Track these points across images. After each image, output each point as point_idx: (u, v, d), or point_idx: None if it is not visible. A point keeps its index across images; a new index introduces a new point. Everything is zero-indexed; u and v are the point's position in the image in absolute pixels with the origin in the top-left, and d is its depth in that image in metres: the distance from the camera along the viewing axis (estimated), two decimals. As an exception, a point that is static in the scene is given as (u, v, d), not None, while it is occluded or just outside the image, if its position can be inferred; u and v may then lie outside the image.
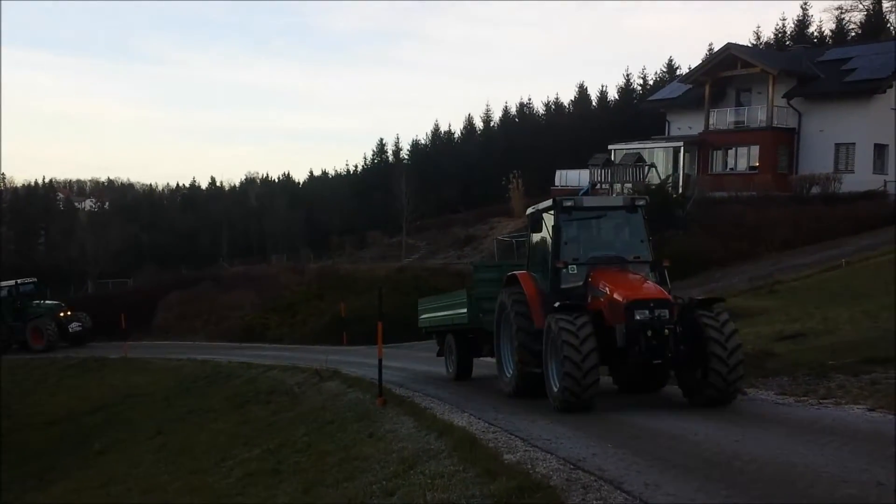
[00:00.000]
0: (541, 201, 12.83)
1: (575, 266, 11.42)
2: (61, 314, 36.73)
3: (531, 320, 11.53)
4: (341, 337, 29.35)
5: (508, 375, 12.31)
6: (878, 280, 19.72)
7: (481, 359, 15.87)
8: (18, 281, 37.79)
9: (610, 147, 43.80)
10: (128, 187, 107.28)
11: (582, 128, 56.42)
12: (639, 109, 51.49)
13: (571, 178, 46.34)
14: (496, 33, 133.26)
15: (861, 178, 36.28)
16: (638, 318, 10.20)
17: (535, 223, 12.29)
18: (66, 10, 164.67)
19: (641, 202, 12.01)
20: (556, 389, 10.46)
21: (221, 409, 18.97)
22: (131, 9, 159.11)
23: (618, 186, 40.48)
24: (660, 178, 39.26)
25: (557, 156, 50.56)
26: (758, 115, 40.90)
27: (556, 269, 11.48)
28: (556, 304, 10.72)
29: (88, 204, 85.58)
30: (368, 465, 9.53)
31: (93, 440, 20.14)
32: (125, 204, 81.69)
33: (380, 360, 13.41)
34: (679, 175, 40.62)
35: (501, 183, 46.93)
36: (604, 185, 41.89)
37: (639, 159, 41.14)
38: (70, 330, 36.51)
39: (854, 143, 38.56)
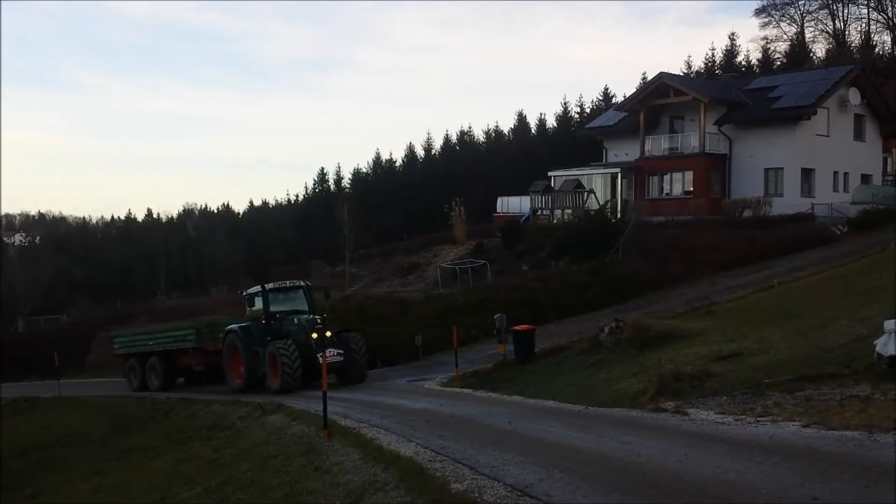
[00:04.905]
0: (483, 227, 12.30)
1: None
2: (313, 335, 20.89)
3: None
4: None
5: None
6: (808, 300, 20.34)
7: None
8: (270, 285, 23.91)
9: (550, 174, 44.49)
10: (60, 220, 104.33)
11: (522, 155, 57.26)
12: (577, 137, 52.48)
13: (513, 204, 46.89)
14: (433, 61, 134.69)
15: (789, 202, 37.54)
16: None
17: None
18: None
19: None
20: None
21: (161, 447, 18.47)
22: (47, 35, 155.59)
23: (558, 212, 41.13)
24: (599, 203, 40.01)
25: (498, 183, 51.12)
26: (691, 141, 42.06)
27: None
28: None
29: (18, 238, 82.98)
30: (314, 500, 9.40)
31: (25, 484, 19.37)
32: (57, 238, 79.51)
33: (324, 392, 13.28)
34: (617, 200, 41.42)
35: (444, 210, 47.15)
36: (544, 212, 42.51)
37: (578, 185, 41.89)
38: (320, 359, 19.52)
39: (782, 168, 39.93)
